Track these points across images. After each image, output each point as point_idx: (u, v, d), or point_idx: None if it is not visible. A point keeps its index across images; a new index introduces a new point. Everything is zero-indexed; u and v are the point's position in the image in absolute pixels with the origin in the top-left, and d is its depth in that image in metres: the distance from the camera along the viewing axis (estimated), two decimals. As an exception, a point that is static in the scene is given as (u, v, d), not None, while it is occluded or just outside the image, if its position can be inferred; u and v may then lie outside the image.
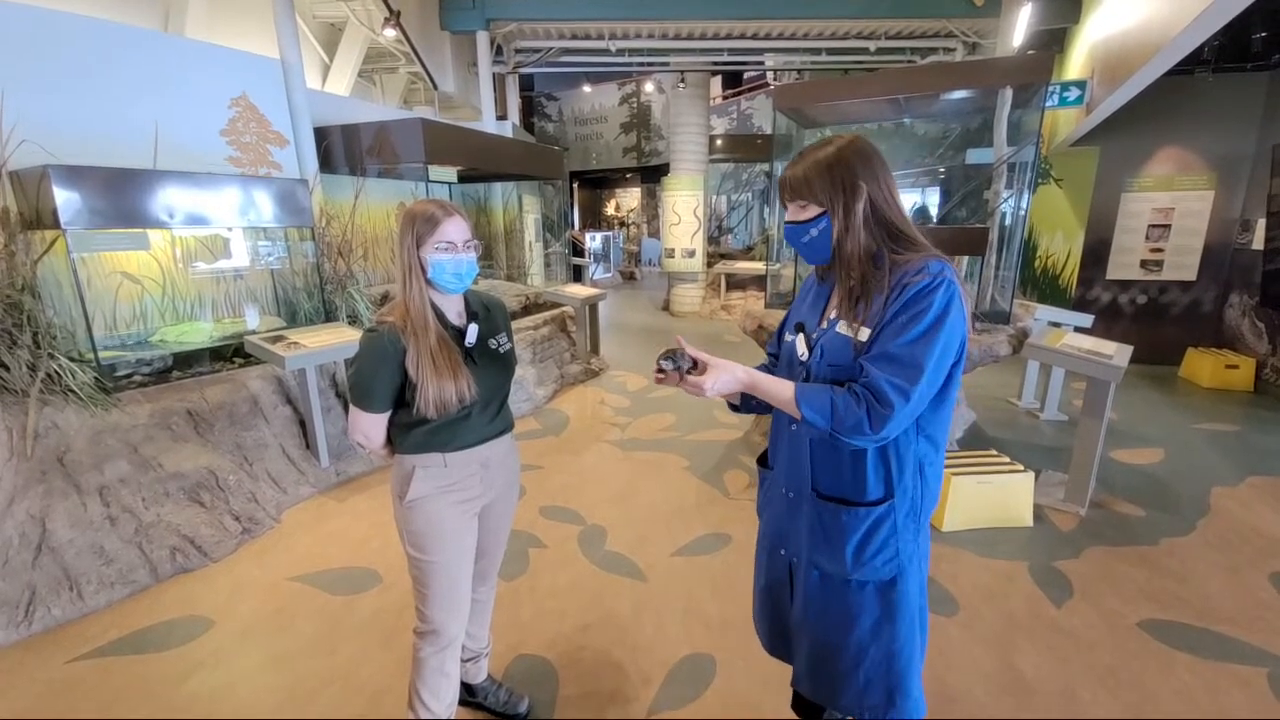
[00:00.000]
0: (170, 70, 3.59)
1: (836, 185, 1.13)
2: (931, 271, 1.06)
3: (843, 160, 1.12)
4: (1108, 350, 3.14)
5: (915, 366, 1.03)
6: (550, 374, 5.51)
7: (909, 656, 1.22)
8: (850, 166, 1.12)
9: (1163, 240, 6.11)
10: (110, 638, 2.29)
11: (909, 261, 1.10)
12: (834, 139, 1.17)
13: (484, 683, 1.93)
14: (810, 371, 1.19)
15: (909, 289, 1.06)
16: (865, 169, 1.12)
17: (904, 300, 1.06)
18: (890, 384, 1.03)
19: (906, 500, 1.17)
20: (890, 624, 1.20)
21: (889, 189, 1.14)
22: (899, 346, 1.05)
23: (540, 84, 16.04)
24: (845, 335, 1.13)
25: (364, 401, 1.47)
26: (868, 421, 1.04)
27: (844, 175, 1.12)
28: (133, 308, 3.54)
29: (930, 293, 1.05)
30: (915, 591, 1.22)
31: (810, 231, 1.17)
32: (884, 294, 1.09)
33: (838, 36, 7.46)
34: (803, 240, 1.19)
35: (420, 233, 1.42)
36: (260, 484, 3.26)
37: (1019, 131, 4.10)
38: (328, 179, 4.63)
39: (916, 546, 1.20)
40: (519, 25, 7.32)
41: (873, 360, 1.06)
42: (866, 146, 1.15)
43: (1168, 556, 2.79)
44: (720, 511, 3.25)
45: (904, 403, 1.03)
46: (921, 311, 1.04)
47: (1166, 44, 3.36)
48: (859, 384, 1.07)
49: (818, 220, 1.16)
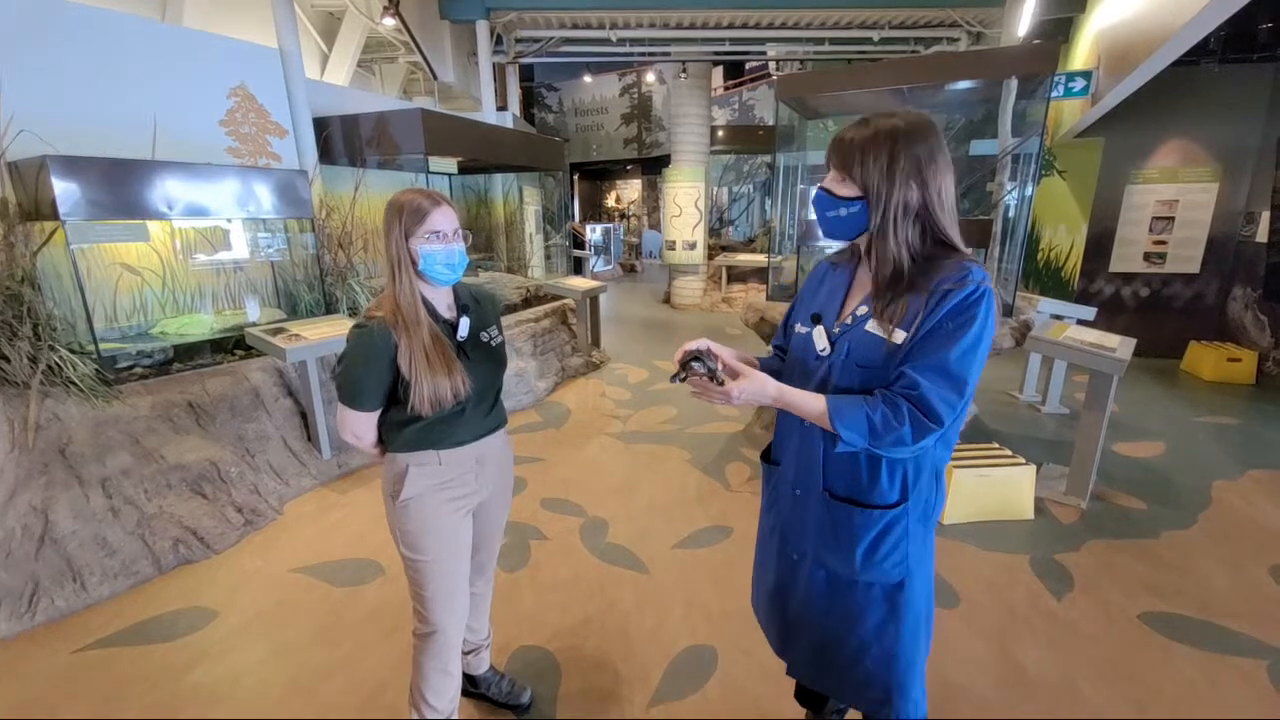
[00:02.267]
0: (169, 60, 3.56)
1: (889, 176, 1.04)
2: (975, 279, 1.02)
3: (908, 147, 1.02)
4: (1110, 343, 3.13)
5: (964, 380, 1.00)
6: (551, 366, 5.50)
7: (911, 658, 1.21)
8: (913, 159, 1.03)
9: (1166, 233, 6.08)
10: (113, 629, 2.30)
11: (948, 265, 1.05)
12: (903, 115, 1.05)
13: (486, 673, 1.93)
14: (833, 369, 1.13)
15: (952, 296, 1.01)
16: (929, 165, 1.03)
17: (949, 309, 1.01)
18: (942, 400, 1.00)
19: (920, 503, 1.15)
20: (894, 625, 1.18)
21: (944, 189, 1.05)
22: (952, 360, 1.00)
23: (540, 74, 15.92)
24: (877, 335, 1.07)
25: (354, 400, 1.42)
26: (911, 435, 1.01)
27: (901, 167, 1.03)
28: (133, 299, 3.53)
29: (975, 303, 1.01)
30: (922, 595, 1.20)
31: (840, 210, 1.10)
32: (922, 295, 1.03)
33: (841, 26, 7.40)
34: (828, 213, 1.12)
35: (408, 224, 1.38)
36: (262, 476, 3.27)
37: (1023, 122, 4.06)
38: (327, 170, 4.61)
39: (926, 549, 1.19)
40: (519, 14, 7.26)
41: (921, 372, 1.01)
42: (936, 138, 1.04)
43: (1168, 549, 2.80)
44: (721, 504, 3.25)
45: (951, 417, 1.01)
46: (967, 322, 1.00)
47: (1173, 35, 3.33)
48: (899, 394, 1.02)
49: (852, 203, 1.08)
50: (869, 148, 1.04)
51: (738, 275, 10.14)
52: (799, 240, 4.98)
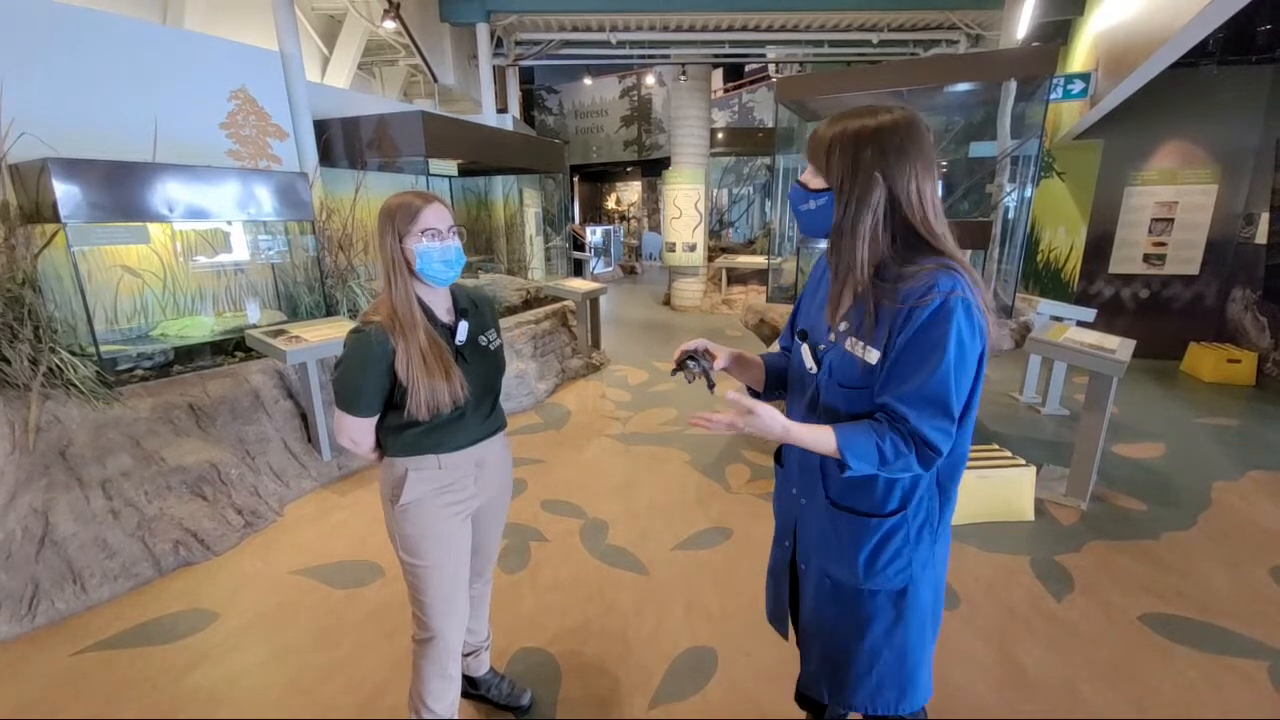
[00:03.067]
0: (170, 63, 3.57)
1: (854, 168, 1.01)
2: (941, 290, 0.97)
3: (875, 141, 1.00)
4: (1110, 345, 3.13)
5: (948, 403, 0.99)
6: (551, 368, 5.50)
7: (919, 653, 1.22)
8: (881, 151, 0.99)
9: (1166, 234, 6.09)
10: (113, 631, 2.30)
11: (915, 276, 1.00)
12: (883, 108, 1.02)
13: (486, 675, 1.93)
14: (820, 388, 1.14)
15: (918, 314, 0.98)
16: (898, 158, 0.99)
17: (916, 328, 0.98)
18: (935, 429, 0.99)
19: (921, 512, 1.15)
20: (902, 626, 1.19)
21: (918, 186, 1.01)
22: (931, 385, 0.98)
23: (540, 77, 15.95)
24: (852, 355, 1.07)
25: (352, 406, 1.41)
26: (918, 463, 1.01)
27: (867, 160, 1.00)
28: (133, 302, 3.54)
29: (944, 320, 0.97)
30: (928, 597, 1.21)
31: (809, 203, 1.09)
32: (892, 309, 1.01)
33: (840, 28, 7.41)
34: (800, 207, 1.12)
35: (401, 225, 1.36)
36: (262, 478, 3.27)
37: (1022, 125, 4.07)
38: (328, 172, 4.62)
39: (932, 554, 1.18)
40: (519, 17, 7.27)
41: (906, 401, 1.00)
42: (912, 130, 1.00)
43: (1169, 551, 2.80)
44: (721, 505, 3.25)
45: (948, 443, 1.01)
46: (939, 341, 0.97)
47: (1171, 37, 3.34)
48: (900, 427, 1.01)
49: (819, 194, 1.07)
50: (836, 138, 1.03)
51: (738, 277, 10.15)
52: (798, 242, 4.99)
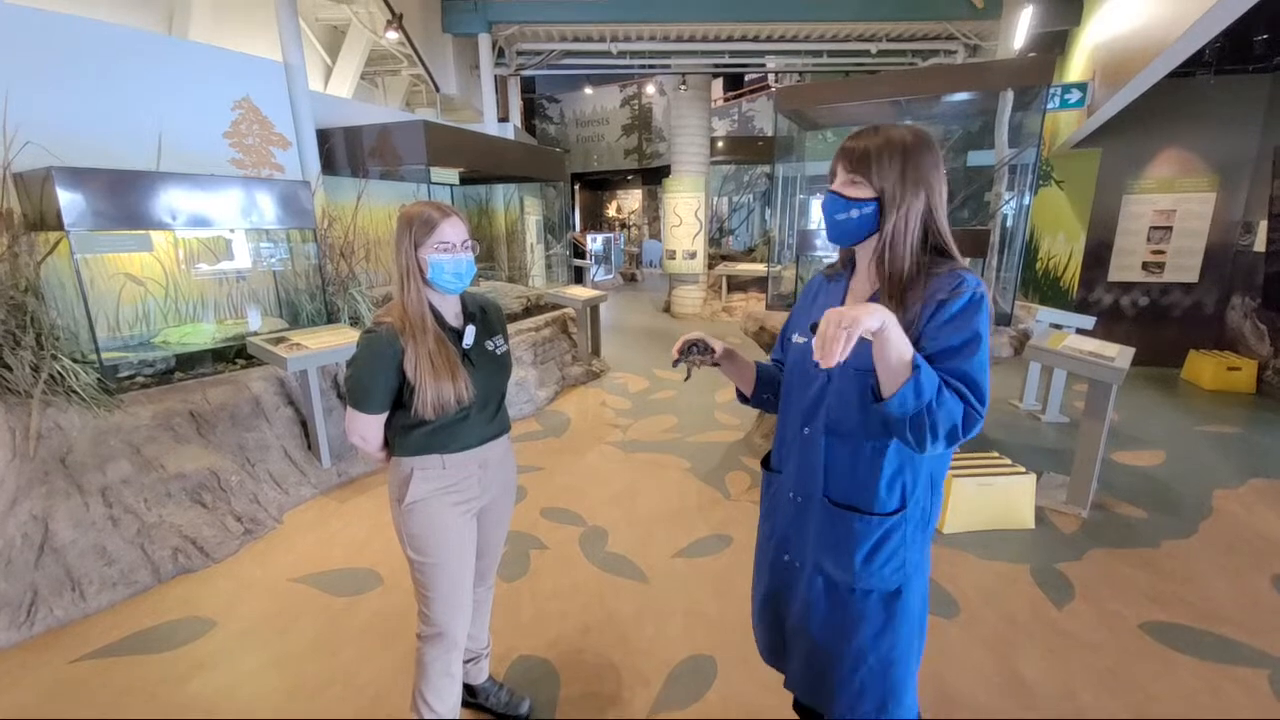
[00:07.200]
0: (174, 73, 3.60)
1: (905, 177, 1.08)
2: (970, 286, 1.04)
3: (918, 153, 1.08)
4: (1109, 352, 3.14)
5: (984, 388, 1.02)
6: (552, 375, 5.51)
7: (905, 666, 1.21)
8: (923, 163, 1.08)
9: (1164, 242, 6.10)
10: (112, 638, 2.29)
11: (942, 273, 1.08)
12: (904, 127, 1.11)
13: (485, 683, 1.93)
14: (831, 375, 1.16)
15: (951, 304, 1.03)
16: (935, 171, 1.09)
17: (949, 317, 1.03)
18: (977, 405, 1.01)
19: (918, 510, 1.16)
20: (891, 633, 1.19)
21: (943, 199, 1.11)
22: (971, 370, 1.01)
23: (542, 86, 16.07)
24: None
25: (362, 403, 1.47)
26: (961, 424, 1.00)
27: (916, 169, 1.07)
28: (136, 309, 3.55)
29: (976, 311, 1.03)
30: (917, 602, 1.21)
31: (852, 211, 1.11)
32: (917, 305, 1.06)
33: (839, 39, 7.48)
34: (838, 216, 1.14)
35: (418, 234, 1.43)
36: (262, 485, 3.27)
37: (1020, 134, 4.10)
38: (330, 181, 4.65)
39: (923, 556, 1.20)
40: (521, 28, 7.34)
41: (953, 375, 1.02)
42: (937, 151, 1.11)
43: (1169, 558, 2.79)
44: (721, 513, 3.25)
45: (980, 425, 1.02)
46: (976, 330, 1.02)
47: (1167, 47, 3.37)
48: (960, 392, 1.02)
49: (865, 204, 1.10)
50: (884, 151, 1.09)
51: (737, 284, 10.17)
52: (798, 250, 5.01)
